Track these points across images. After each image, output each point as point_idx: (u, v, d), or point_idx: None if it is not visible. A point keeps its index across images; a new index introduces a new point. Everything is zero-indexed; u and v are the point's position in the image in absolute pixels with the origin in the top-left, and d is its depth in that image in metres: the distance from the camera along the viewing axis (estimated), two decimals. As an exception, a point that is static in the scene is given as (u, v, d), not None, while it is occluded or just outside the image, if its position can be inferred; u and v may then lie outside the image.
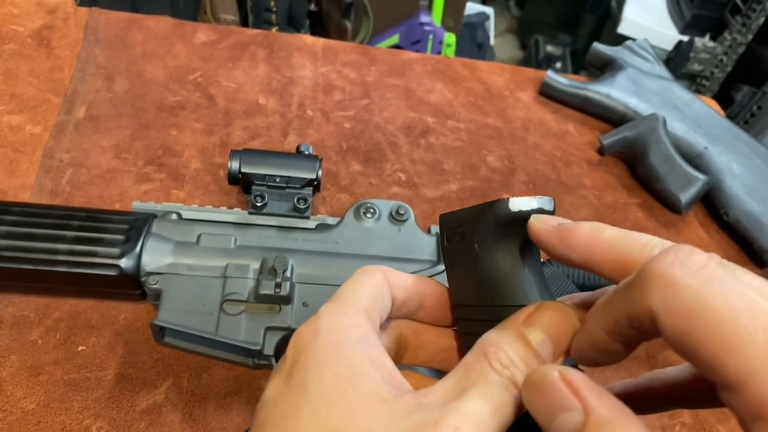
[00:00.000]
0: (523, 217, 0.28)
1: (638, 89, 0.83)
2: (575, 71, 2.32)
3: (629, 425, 0.22)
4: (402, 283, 0.32)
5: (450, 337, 0.35)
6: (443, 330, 0.35)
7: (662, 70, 0.87)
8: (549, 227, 0.27)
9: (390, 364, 0.28)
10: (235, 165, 0.58)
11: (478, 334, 0.28)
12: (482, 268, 0.30)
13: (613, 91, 0.83)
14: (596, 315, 0.25)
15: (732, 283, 0.20)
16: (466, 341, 0.32)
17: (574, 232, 0.26)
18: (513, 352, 0.26)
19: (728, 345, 0.19)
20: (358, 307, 0.29)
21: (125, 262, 0.50)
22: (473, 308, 0.31)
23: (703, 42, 1.84)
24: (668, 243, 0.24)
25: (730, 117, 1.74)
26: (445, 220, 0.33)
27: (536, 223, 0.27)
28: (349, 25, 1.75)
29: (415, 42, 1.79)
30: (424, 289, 0.33)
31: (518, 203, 0.28)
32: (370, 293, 0.30)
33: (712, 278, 0.20)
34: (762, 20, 1.73)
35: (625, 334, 0.24)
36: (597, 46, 0.88)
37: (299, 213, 0.57)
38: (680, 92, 0.84)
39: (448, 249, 0.33)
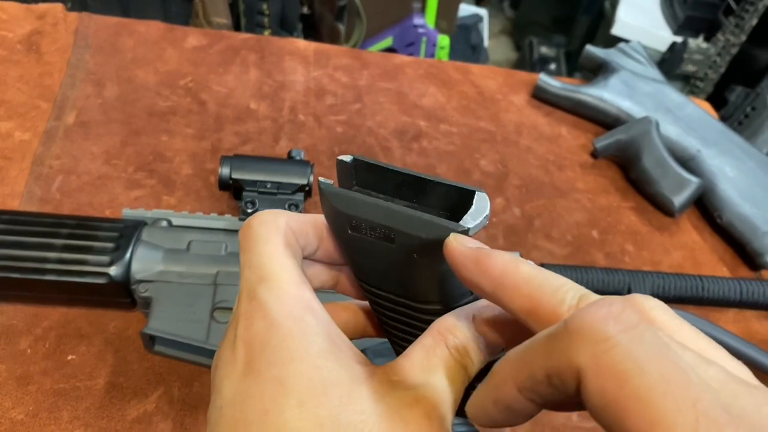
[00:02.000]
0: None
1: (631, 92, 0.83)
2: (570, 72, 2.32)
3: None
4: (302, 228, 0.30)
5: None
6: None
7: (655, 73, 0.87)
8: (467, 249, 0.25)
9: (346, 339, 0.28)
10: (225, 171, 0.58)
11: (394, 320, 0.30)
12: (403, 269, 0.27)
13: (606, 94, 0.83)
14: (508, 366, 0.23)
15: (668, 348, 0.19)
16: (381, 322, 0.32)
17: (491, 260, 0.25)
18: (468, 342, 0.27)
19: (656, 419, 0.17)
20: (296, 280, 0.28)
21: (115, 270, 0.50)
22: (384, 294, 0.29)
23: (697, 43, 1.85)
24: (583, 290, 0.23)
25: (724, 118, 1.74)
26: (351, 200, 0.27)
27: (454, 242, 0.25)
28: (342, 27, 1.75)
29: (408, 44, 1.79)
30: (321, 229, 0.31)
31: (474, 228, 0.25)
32: (293, 258, 0.29)
33: (646, 339, 0.19)
34: (755, 21, 1.74)
35: (540, 392, 0.22)
36: (589, 48, 0.88)
37: (290, 219, 0.57)
38: (673, 95, 0.84)
39: (352, 238, 0.28)
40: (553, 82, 0.85)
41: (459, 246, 0.25)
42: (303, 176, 0.58)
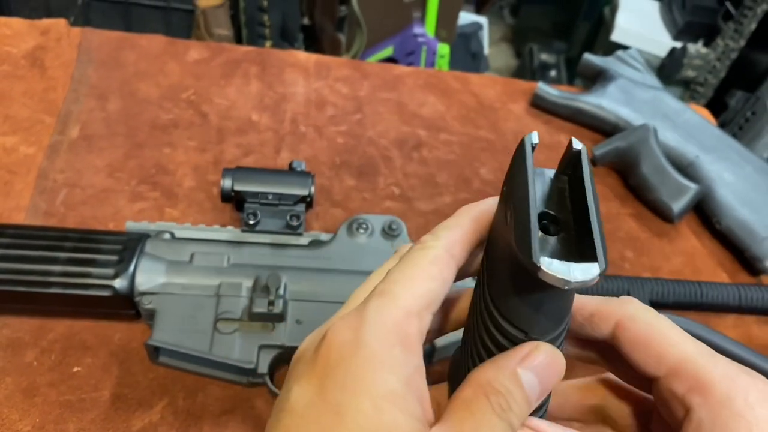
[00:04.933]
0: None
1: (629, 99, 0.84)
2: (570, 79, 2.33)
3: None
4: (464, 255, 0.29)
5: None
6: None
7: (653, 80, 0.87)
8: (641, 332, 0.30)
9: (424, 387, 0.26)
10: (227, 183, 0.58)
11: (481, 327, 0.28)
12: (506, 271, 0.26)
13: (605, 102, 0.84)
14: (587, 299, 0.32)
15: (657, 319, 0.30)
16: (467, 327, 0.30)
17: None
18: (510, 396, 0.25)
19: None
20: (410, 310, 0.26)
21: (119, 283, 0.51)
22: (489, 296, 0.27)
23: (696, 48, 1.85)
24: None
25: (725, 123, 1.75)
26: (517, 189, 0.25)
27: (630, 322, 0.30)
28: (342, 38, 1.76)
29: (408, 53, 1.80)
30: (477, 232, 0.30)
31: (551, 275, 0.22)
32: (428, 287, 0.27)
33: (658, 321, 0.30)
34: (754, 26, 1.74)
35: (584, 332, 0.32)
36: (588, 56, 0.89)
37: (292, 230, 0.58)
38: (671, 102, 0.85)
39: (503, 195, 0.27)
40: (551, 91, 0.86)
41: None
42: (304, 187, 0.59)
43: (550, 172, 0.27)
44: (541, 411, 0.29)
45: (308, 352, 0.28)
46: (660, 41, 1.95)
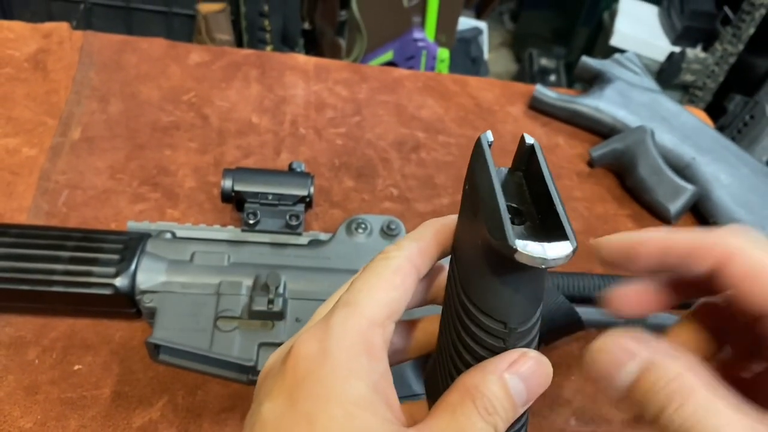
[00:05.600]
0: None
1: (626, 102, 0.85)
2: (569, 84, 2.33)
3: (680, 360, 0.25)
4: (427, 266, 0.30)
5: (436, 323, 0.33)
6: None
7: (650, 83, 0.88)
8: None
9: (391, 392, 0.27)
10: (227, 183, 0.59)
11: (450, 327, 0.28)
12: (481, 264, 0.26)
13: (602, 104, 0.84)
14: (658, 233, 0.30)
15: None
16: (441, 334, 0.31)
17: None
18: (497, 401, 0.26)
19: None
20: (374, 320, 0.27)
21: (120, 281, 0.51)
22: (463, 297, 0.28)
23: (695, 53, 1.86)
24: None
25: (723, 127, 1.75)
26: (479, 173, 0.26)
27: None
28: (342, 42, 1.77)
29: (408, 58, 1.81)
30: (440, 245, 0.30)
31: (527, 255, 0.23)
32: (390, 297, 0.28)
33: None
34: (752, 30, 1.75)
35: (669, 260, 0.29)
36: (585, 59, 0.90)
37: (292, 230, 0.58)
38: (668, 104, 0.85)
39: (465, 195, 0.28)
40: (549, 93, 0.86)
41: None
42: (303, 188, 0.60)
43: (505, 170, 0.28)
44: (521, 421, 0.29)
45: (275, 367, 0.28)
46: (659, 46, 1.96)
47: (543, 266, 0.23)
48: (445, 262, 0.32)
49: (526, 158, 0.28)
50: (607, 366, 0.27)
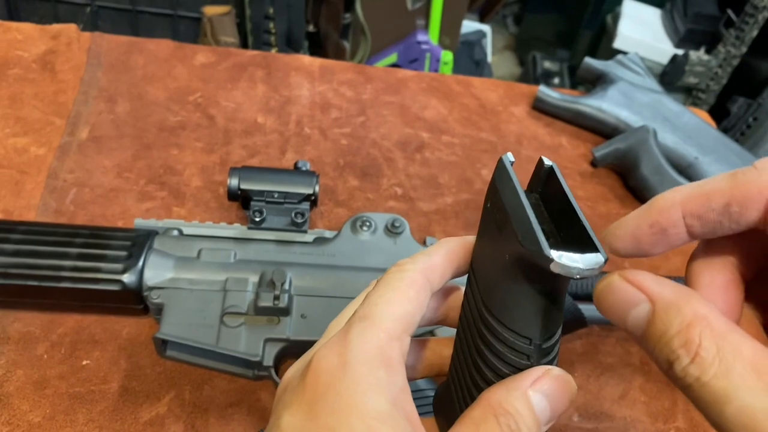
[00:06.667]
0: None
1: (629, 102, 0.85)
2: (573, 86, 2.34)
3: (692, 301, 0.23)
4: (440, 282, 0.30)
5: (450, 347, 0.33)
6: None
7: (652, 83, 0.88)
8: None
9: (410, 406, 0.27)
10: (234, 182, 0.60)
11: (469, 341, 0.28)
12: (503, 278, 0.27)
13: (605, 105, 0.85)
14: (678, 195, 0.26)
15: None
16: (457, 352, 0.31)
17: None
18: (520, 418, 0.25)
19: None
20: (391, 333, 0.27)
21: (128, 278, 0.52)
22: (484, 313, 0.28)
23: (698, 55, 1.87)
24: None
25: (727, 129, 1.75)
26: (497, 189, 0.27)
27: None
28: (347, 45, 1.78)
29: (412, 60, 1.82)
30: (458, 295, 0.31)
31: (563, 265, 0.24)
32: (405, 310, 0.28)
33: None
34: (755, 33, 1.76)
35: (707, 219, 0.25)
36: (588, 60, 0.90)
37: (297, 227, 0.59)
38: (670, 104, 0.86)
39: (486, 213, 0.29)
40: (552, 94, 0.87)
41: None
42: (309, 186, 0.60)
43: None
44: None
45: (294, 381, 0.28)
46: (662, 48, 1.97)
47: (577, 276, 0.24)
48: (458, 282, 0.33)
49: (543, 179, 0.28)
50: (614, 308, 0.26)
